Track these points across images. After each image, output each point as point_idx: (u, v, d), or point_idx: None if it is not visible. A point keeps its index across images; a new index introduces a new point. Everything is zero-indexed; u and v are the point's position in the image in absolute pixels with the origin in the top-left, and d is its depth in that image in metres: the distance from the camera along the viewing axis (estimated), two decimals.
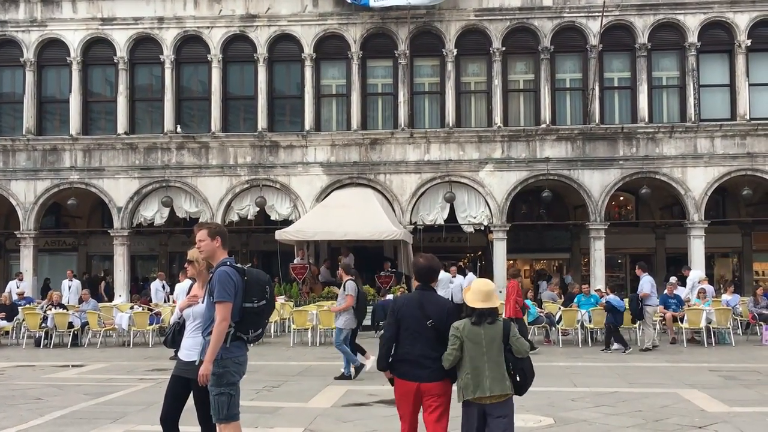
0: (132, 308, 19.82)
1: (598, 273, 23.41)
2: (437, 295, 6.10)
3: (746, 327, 19.91)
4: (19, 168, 24.86)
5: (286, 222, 23.87)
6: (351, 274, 13.22)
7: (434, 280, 6.04)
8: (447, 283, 20.55)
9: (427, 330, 5.76)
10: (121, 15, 24.73)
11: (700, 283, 20.46)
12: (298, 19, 24.38)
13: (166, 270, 27.36)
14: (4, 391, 11.72)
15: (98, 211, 28.39)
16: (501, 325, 5.72)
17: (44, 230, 26.50)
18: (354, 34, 24.24)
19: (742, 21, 23.46)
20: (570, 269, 29.08)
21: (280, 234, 21.99)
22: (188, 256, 6.43)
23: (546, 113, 23.75)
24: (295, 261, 22.98)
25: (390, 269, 23.07)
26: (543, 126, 23.68)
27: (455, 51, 23.96)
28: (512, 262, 23.73)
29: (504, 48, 23.91)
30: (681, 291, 20.01)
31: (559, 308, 19.14)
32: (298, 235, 22.07)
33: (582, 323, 18.18)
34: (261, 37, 24.44)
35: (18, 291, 22.24)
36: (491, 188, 23.76)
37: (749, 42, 23.39)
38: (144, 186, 24.58)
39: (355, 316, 12.88)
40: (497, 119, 23.79)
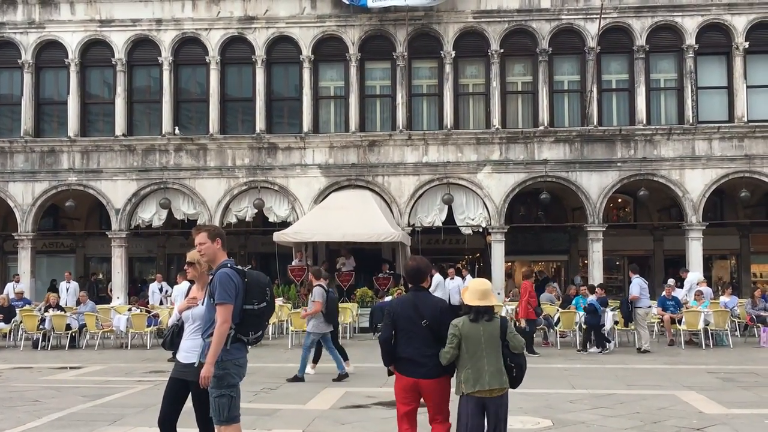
0: (130, 310, 19.81)
1: (596, 275, 23.39)
2: (431, 296, 6.32)
3: (744, 329, 19.94)
4: (17, 170, 24.83)
5: (285, 224, 23.86)
6: (321, 279, 13.30)
7: (424, 281, 6.23)
8: (442, 285, 20.54)
9: (423, 329, 5.98)
10: (119, 17, 24.72)
11: (698, 285, 20.50)
12: (297, 21, 24.39)
13: (164, 272, 27.34)
14: (2, 393, 11.70)
15: (96, 213, 28.35)
16: (498, 323, 6.00)
17: (42, 232, 26.45)
18: (352, 36, 24.25)
19: (740, 23, 23.50)
20: (581, 270, 28.92)
21: (279, 236, 22.00)
22: (188, 258, 6.43)
23: (544, 115, 23.76)
24: (294, 263, 22.99)
25: (388, 271, 23.10)
26: (541, 128, 23.69)
27: (453, 53, 23.98)
28: (529, 264, 23.60)
29: (502, 50, 23.93)
30: (679, 293, 20.02)
31: (557, 310, 19.16)
32: (297, 237, 22.08)
33: (580, 325, 18.19)
34: (259, 39, 24.44)
35: (17, 290, 22.22)
36: (489, 190, 23.77)
37: (747, 44, 23.42)
38: (142, 188, 24.56)
39: (326, 321, 12.93)
40: (495, 121, 23.81)
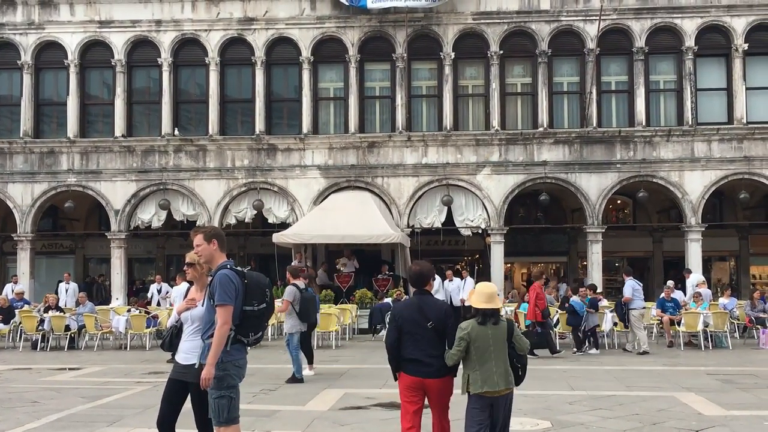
0: (129, 311, 19.80)
1: (596, 276, 23.39)
2: (435, 298, 6.51)
3: (743, 330, 19.94)
4: (17, 170, 24.83)
5: (284, 225, 23.85)
6: (298, 278, 13.30)
7: (428, 285, 6.41)
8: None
9: (428, 332, 6.16)
10: (119, 18, 24.72)
11: (697, 287, 20.51)
12: (296, 23, 24.40)
13: (164, 273, 27.32)
14: (1, 394, 11.69)
15: (95, 214, 28.33)
16: (505, 325, 6.24)
17: (41, 233, 26.44)
18: (352, 38, 24.25)
19: (739, 25, 23.52)
20: (580, 272, 28.87)
21: (278, 237, 22.00)
22: (187, 259, 6.43)
23: (543, 117, 23.77)
24: (293, 264, 22.93)
25: (387, 272, 23.11)
26: (540, 129, 23.70)
27: (453, 54, 23.99)
28: (540, 266, 23.58)
29: (502, 51, 23.94)
30: (678, 294, 20.01)
31: (557, 311, 19.14)
32: (296, 238, 22.08)
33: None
34: (259, 40, 24.44)
35: (17, 291, 22.21)
36: (489, 191, 23.78)
37: (746, 46, 23.44)
38: (141, 189, 24.56)
39: (300, 319, 12.95)
40: (495, 122, 23.81)
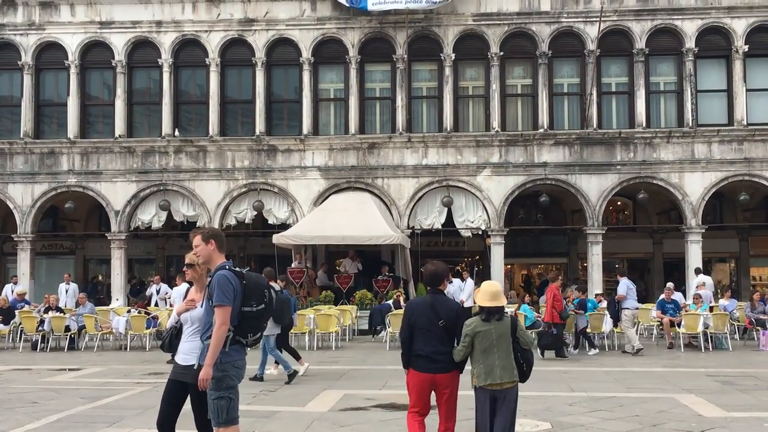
0: (129, 312, 19.79)
1: (596, 278, 23.40)
2: (447, 298, 6.90)
3: (743, 332, 19.93)
4: (17, 171, 24.84)
5: (284, 226, 23.85)
6: (272, 280, 13.34)
7: (441, 284, 6.77)
8: None
9: (439, 329, 6.48)
10: (120, 18, 24.74)
11: (697, 288, 20.49)
12: (297, 23, 24.41)
13: (164, 274, 27.31)
14: (1, 395, 11.69)
15: (96, 215, 28.33)
16: (509, 321, 6.60)
17: (41, 233, 26.43)
18: (352, 39, 24.26)
19: (740, 27, 23.52)
20: (580, 273, 28.82)
21: (278, 238, 21.99)
22: (186, 260, 6.43)
23: (544, 118, 23.77)
24: (293, 265, 22.96)
25: (388, 273, 23.09)
26: (541, 131, 23.70)
27: (453, 55, 23.99)
28: (555, 269, 23.55)
29: (502, 53, 23.95)
30: (678, 296, 20.00)
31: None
32: (296, 239, 22.08)
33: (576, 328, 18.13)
34: (259, 41, 24.45)
35: (19, 291, 22.21)
36: (489, 193, 23.78)
37: (746, 47, 23.44)
38: (142, 189, 24.56)
39: (275, 322, 12.88)
40: (495, 124, 23.81)
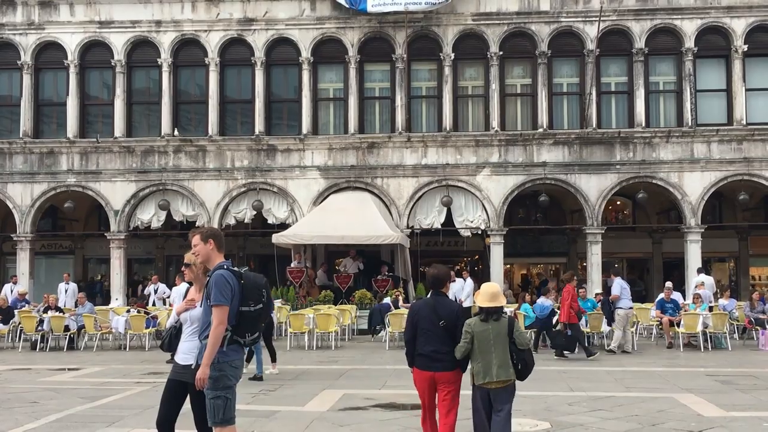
0: (128, 311, 19.79)
1: (595, 277, 23.41)
2: (448, 300, 7.13)
3: (743, 331, 19.93)
4: (16, 171, 24.83)
5: (283, 226, 23.84)
6: None
7: (443, 287, 6.99)
8: None
9: (440, 329, 6.71)
10: (119, 18, 24.72)
11: (696, 288, 20.49)
12: (296, 23, 24.40)
13: (163, 273, 27.31)
14: (0, 395, 11.69)
15: (95, 215, 28.31)
16: (506, 321, 6.76)
17: (41, 233, 26.43)
18: (351, 38, 24.26)
19: (739, 26, 23.52)
20: (580, 273, 28.71)
21: (277, 238, 22.00)
22: (185, 260, 6.44)
23: (543, 117, 23.77)
24: (292, 265, 22.98)
25: (387, 273, 23.09)
26: (540, 130, 23.70)
27: (453, 55, 23.99)
28: (570, 272, 23.39)
29: (501, 52, 23.95)
30: (677, 296, 20.01)
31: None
32: (295, 239, 22.09)
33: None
34: (258, 41, 24.44)
35: (20, 290, 22.21)
36: (488, 192, 23.78)
37: (746, 47, 23.44)
38: (141, 189, 24.55)
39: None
40: (494, 123, 23.81)
